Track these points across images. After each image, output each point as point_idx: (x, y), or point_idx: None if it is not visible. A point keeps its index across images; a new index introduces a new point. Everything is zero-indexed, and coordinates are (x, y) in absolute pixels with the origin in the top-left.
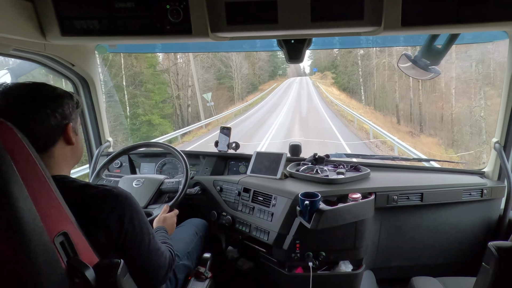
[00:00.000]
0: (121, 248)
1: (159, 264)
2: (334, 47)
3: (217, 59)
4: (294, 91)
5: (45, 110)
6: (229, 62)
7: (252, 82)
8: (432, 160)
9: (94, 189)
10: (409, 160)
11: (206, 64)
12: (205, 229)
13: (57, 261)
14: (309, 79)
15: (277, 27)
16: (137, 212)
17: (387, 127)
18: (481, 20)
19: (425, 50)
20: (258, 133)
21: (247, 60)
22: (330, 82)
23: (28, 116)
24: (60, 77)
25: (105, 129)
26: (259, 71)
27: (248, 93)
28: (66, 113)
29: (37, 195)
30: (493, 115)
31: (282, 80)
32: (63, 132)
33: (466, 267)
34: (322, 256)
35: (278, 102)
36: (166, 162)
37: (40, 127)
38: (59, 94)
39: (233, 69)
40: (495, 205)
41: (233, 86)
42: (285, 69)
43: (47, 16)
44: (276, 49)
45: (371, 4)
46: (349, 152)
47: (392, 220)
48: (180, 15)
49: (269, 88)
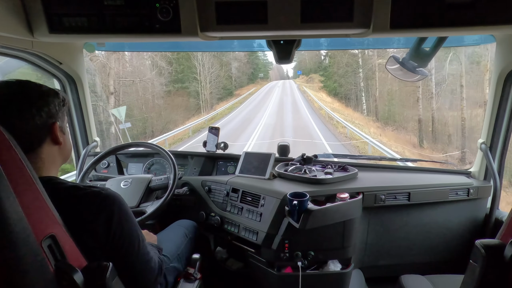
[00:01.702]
0: (109, 251)
1: (148, 268)
2: (323, 48)
3: (176, 57)
4: (275, 99)
5: (30, 109)
6: (194, 62)
7: (225, 86)
8: (419, 160)
9: (82, 190)
10: (396, 160)
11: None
12: (194, 230)
13: (45, 265)
14: (294, 82)
15: (267, 27)
16: (126, 214)
17: (409, 152)
18: (469, 24)
19: (413, 52)
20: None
21: (218, 60)
22: (318, 86)
23: (13, 116)
24: (47, 75)
25: (92, 129)
26: (237, 72)
27: (220, 99)
28: (52, 112)
29: (24, 197)
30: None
31: (264, 83)
32: (49, 132)
33: (454, 265)
34: (311, 256)
35: (253, 114)
36: (154, 162)
37: (25, 127)
38: (45, 92)
39: (198, 70)
40: (481, 204)
41: (198, 91)
42: (267, 72)
43: (35, 12)
44: (265, 49)
45: (360, 7)
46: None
47: (380, 220)
48: (170, 13)
49: (247, 93)
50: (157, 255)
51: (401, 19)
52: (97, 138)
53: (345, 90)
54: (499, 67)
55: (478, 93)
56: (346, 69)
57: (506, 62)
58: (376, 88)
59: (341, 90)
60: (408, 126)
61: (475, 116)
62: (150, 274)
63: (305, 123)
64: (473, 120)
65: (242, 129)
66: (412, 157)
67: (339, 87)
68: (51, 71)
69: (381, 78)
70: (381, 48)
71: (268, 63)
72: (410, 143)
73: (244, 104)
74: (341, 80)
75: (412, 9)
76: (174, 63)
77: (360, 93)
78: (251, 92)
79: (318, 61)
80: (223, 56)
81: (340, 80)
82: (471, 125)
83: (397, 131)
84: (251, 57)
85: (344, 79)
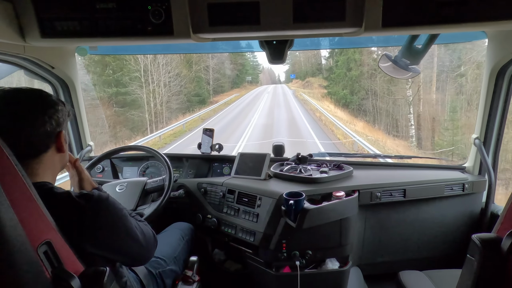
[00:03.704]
0: (106, 250)
1: (148, 247)
2: (316, 48)
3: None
4: (260, 114)
5: (43, 116)
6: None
7: (196, 92)
8: (413, 157)
9: (74, 195)
10: (391, 158)
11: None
12: (190, 232)
13: (42, 272)
14: (287, 87)
15: (259, 28)
16: (118, 212)
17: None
18: (461, 20)
19: (405, 50)
20: None
21: (185, 56)
22: (319, 92)
23: (25, 122)
24: (39, 79)
25: (86, 133)
26: (215, 74)
27: (182, 110)
28: (60, 121)
29: (19, 203)
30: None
31: (252, 88)
32: (56, 140)
33: (451, 259)
34: (308, 255)
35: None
36: (149, 166)
37: (36, 133)
38: (54, 101)
39: (146, 68)
40: (476, 199)
41: (146, 99)
42: (257, 75)
43: (26, 17)
44: (256, 50)
45: (352, 6)
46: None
47: (376, 217)
48: (162, 16)
49: (217, 104)
50: (146, 226)
51: (392, 18)
52: (91, 142)
53: (359, 99)
54: (491, 63)
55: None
56: (361, 69)
57: (498, 58)
58: (420, 100)
59: (354, 98)
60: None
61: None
62: (152, 247)
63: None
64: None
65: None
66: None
67: (351, 94)
68: (43, 76)
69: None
70: (373, 46)
71: (257, 65)
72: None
73: (213, 119)
74: (355, 86)
75: (404, 7)
76: (108, 56)
77: (392, 107)
78: (227, 102)
79: (316, 62)
80: (195, 55)
81: (353, 85)
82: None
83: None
84: (234, 56)
85: (358, 84)
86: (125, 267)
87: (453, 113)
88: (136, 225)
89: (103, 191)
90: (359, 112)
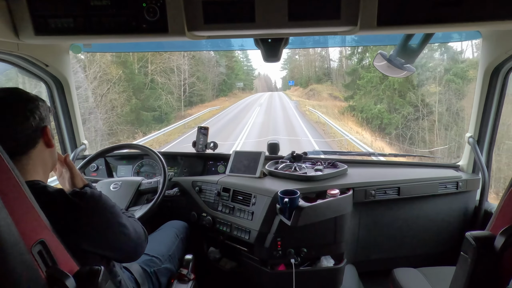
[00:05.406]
0: (99, 247)
1: (139, 243)
2: (311, 46)
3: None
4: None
5: (25, 111)
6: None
7: (159, 106)
8: (407, 155)
9: (67, 193)
10: (385, 156)
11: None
12: (185, 230)
13: (36, 272)
14: (286, 96)
15: (254, 26)
16: (110, 208)
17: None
18: (456, 20)
19: (400, 49)
20: None
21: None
22: (333, 105)
23: (9, 119)
24: (33, 78)
25: (80, 132)
26: (191, 78)
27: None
28: (43, 115)
29: (12, 203)
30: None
31: (244, 95)
32: (42, 134)
33: (445, 257)
34: (303, 252)
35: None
36: (143, 164)
37: (21, 129)
38: (34, 97)
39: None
40: (470, 197)
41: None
42: (250, 81)
43: (20, 14)
44: (253, 48)
45: (347, 4)
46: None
47: (370, 214)
48: (157, 13)
49: (185, 121)
50: (136, 222)
51: (388, 16)
52: (86, 141)
53: (403, 120)
54: (485, 62)
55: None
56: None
57: (492, 57)
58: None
59: (395, 119)
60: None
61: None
62: (143, 242)
63: None
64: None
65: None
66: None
67: (388, 111)
68: (37, 74)
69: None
70: (367, 45)
71: (251, 70)
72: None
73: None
74: (395, 99)
75: (399, 6)
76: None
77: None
78: (200, 117)
79: (322, 66)
80: (161, 55)
81: (393, 97)
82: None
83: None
84: (223, 57)
85: (401, 95)
86: (119, 266)
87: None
88: (127, 222)
89: (94, 187)
90: (403, 142)
